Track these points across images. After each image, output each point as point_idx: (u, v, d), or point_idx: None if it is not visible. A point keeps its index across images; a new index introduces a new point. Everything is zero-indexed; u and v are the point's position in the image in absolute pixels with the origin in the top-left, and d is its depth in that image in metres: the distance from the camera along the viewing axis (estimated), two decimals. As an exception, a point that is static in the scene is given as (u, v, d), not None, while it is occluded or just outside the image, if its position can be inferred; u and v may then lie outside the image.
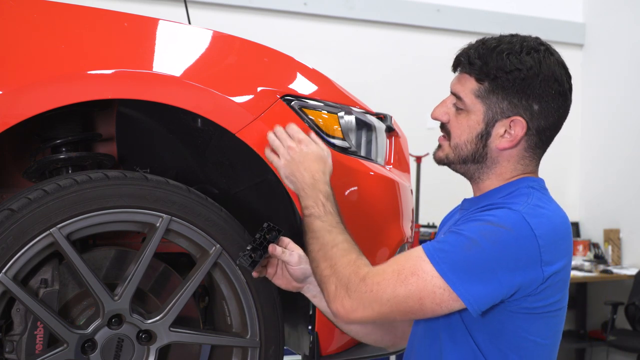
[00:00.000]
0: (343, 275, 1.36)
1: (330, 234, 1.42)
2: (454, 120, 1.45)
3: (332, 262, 1.39)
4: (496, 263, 1.30)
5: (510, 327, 1.37)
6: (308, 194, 1.47)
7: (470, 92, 1.42)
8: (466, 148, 1.44)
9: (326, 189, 1.47)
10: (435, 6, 5.48)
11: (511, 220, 1.32)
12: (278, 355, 1.61)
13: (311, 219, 1.45)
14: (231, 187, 1.73)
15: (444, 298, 1.31)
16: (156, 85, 1.47)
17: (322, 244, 1.42)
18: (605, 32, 5.89)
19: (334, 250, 1.40)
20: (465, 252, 1.31)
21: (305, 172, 1.48)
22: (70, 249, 1.40)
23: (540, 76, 1.38)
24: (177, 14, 2.32)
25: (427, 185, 4.87)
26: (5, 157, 1.72)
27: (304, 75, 1.68)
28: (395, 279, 1.33)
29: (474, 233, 1.32)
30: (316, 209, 1.45)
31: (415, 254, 1.35)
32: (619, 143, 5.68)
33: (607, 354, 5.29)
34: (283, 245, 1.51)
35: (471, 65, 1.41)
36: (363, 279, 1.34)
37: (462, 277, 1.30)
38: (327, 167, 1.50)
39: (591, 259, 5.57)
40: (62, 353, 1.40)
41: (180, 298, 1.50)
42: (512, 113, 1.40)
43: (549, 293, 1.36)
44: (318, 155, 1.50)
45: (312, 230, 1.45)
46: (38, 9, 1.45)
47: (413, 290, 1.31)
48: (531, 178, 1.46)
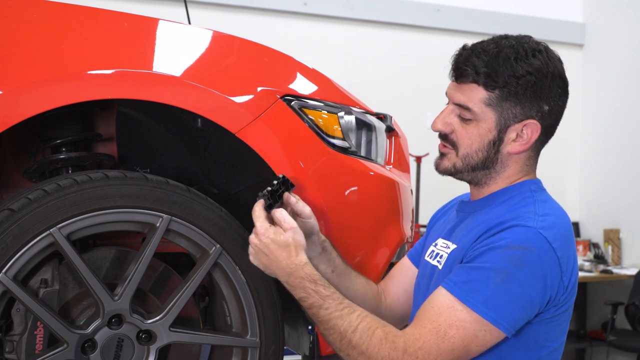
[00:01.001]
0: (382, 355, 1.30)
1: (342, 319, 1.34)
2: (460, 130, 1.42)
3: (362, 349, 1.32)
4: (529, 286, 1.30)
5: (534, 336, 1.37)
6: (292, 284, 1.39)
7: (480, 101, 1.39)
8: (477, 156, 1.42)
9: (307, 272, 1.38)
10: (435, 6, 5.48)
11: (530, 240, 1.31)
12: (278, 355, 1.61)
13: (313, 310, 1.37)
14: (231, 187, 1.73)
15: (487, 338, 1.30)
16: (156, 85, 1.47)
17: (341, 333, 1.34)
18: (605, 32, 5.90)
19: (357, 336, 1.32)
20: (498, 286, 1.29)
21: (275, 263, 1.40)
22: (70, 249, 1.40)
23: (548, 76, 1.38)
24: (177, 14, 2.32)
25: (427, 185, 4.87)
26: (5, 157, 1.72)
27: (304, 75, 1.68)
28: (436, 338, 1.29)
29: (498, 263, 1.30)
30: (311, 299, 1.37)
31: (444, 304, 1.31)
32: (618, 143, 5.68)
33: (607, 354, 5.29)
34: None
35: (478, 75, 1.38)
36: (405, 351, 1.30)
37: (500, 310, 1.29)
38: (297, 248, 1.40)
39: (591, 259, 5.57)
40: (62, 353, 1.40)
41: (180, 298, 1.50)
42: (525, 117, 1.39)
43: (567, 299, 1.38)
44: (278, 244, 1.40)
45: (321, 322, 1.37)
46: (38, 9, 1.45)
47: (457, 342, 1.29)
48: (531, 180, 1.46)
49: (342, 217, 1.63)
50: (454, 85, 1.44)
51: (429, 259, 1.52)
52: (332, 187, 1.62)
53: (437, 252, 1.50)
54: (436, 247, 1.52)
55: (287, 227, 1.41)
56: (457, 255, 1.41)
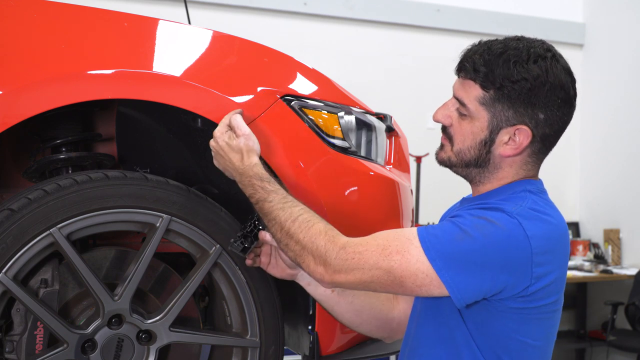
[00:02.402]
0: (317, 246, 1.35)
1: (283, 211, 1.39)
2: (457, 125, 1.44)
3: (298, 237, 1.37)
4: (484, 257, 1.30)
5: (499, 326, 1.37)
6: (243, 183, 1.45)
7: (475, 99, 1.40)
8: (469, 153, 1.43)
9: (256, 171, 1.44)
10: (435, 6, 5.48)
11: (505, 221, 1.32)
12: (278, 355, 1.61)
13: (259, 205, 1.42)
14: (231, 187, 1.73)
15: (425, 282, 1.32)
16: (156, 85, 1.47)
17: (280, 223, 1.39)
18: (605, 32, 5.89)
19: (295, 225, 1.38)
20: (457, 242, 1.31)
21: (230, 164, 1.46)
22: (70, 249, 1.40)
23: (546, 85, 1.36)
24: (177, 14, 2.32)
25: (427, 185, 4.87)
26: (5, 157, 1.72)
27: (304, 75, 1.68)
28: (379, 253, 1.33)
29: (467, 226, 1.33)
30: (257, 194, 1.42)
31: (405, 235, 1.35)
32: (619, 143, 5.68)
33: (607, 354, 5.30)
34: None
35: (476, 72, 1.38)
36: (343, 247, 1.34)
37: (449, 265, 1.31)
38: (248, 152, 1.45)
39: (591, 259, 5.57)
40: (62, 353, 1.40)
41: (180, 298, 1.50)
42: (517, 121, 1.39)
43: (542, 295, 1.35)
44: (231, 147, 1.46)
45: (265, 214, 1.42)
46: (38, 9, 1.45)
47: (395, 267, 1.32)
48: (529, 181, 1.45)
49: (342, 217, 1.63)
50: (458, 80, 1.45)
51: None
52: (332, 187, 1.62)
53: None
54: None
55: (240, 134, 1.46)
56: None
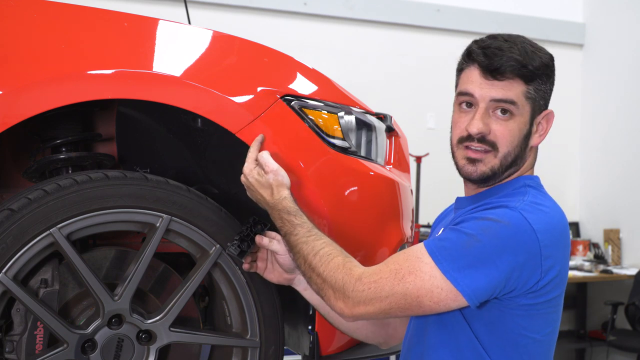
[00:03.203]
0: (335, 280, 1.38)
1: (307, 245, 1.43)
2: (500, 128, 1.39)
3: (319, 271, 1.40)
4: (495, 254, 1.31)
5: (509, 324, 1.37)
6: (273, 216, 1.49)
7: (522, 95, 1.39)
8: (514, 152, 1.42)
9: (285, 205, 1.47)
10: (435, 6, 5.48)
11: (509, 216, 1.33)
12: (278, 355, 1.61)
13: (286, 237, 1.47)
14: (231, 187, 1.73)
15: (442, 296, 1.32)
16: (156, 85, 1.47)
17: (304, 256, 1.43)
18: (605, 32, 5.90)
19: (316, 259, 1.41)
20: (467, 249, 1.32)
21: (261, 198, 1.50)
22: (70, 249, 1.40)
23: (554, 61, 1.43)
24: (177, 14, 2.32)
25: (427, 185, 4.87)
26: (5, 157, 1.72)
27: (304, 75, 1.68)
28: (393, 278, 1.34)
29: (473, 229, 1.33)
30: (285, 227, 1.46)
31: (414, 254, 1.36)
32: (618, 143, 5.68)
33: (607, 354, 5.30)
34: (271, 237, 1.54)
35: (523, 68, 1.37)
36: (359, 279, 1.36)
37: (464, 272, 1.31)
38: (277, 187, 1.48)
39: (591, 259, 5.57)
40: (62, 353, 1.40)
41: (180, 298, 1.50)
42: (545, 106, 1.43)
43: (549, 289, 1.37)
44: (261, 184, 1.49)
45: (291, 247, 1.46)
46: (38, 9, 1.45)
47: (410, 289, 1.32)
48: (527, 176, 1.46)
49: (342, 217, 1.63)
50: (485, 83, 1.39)
51: None
52: (332, 187, 1.62)
53: None
54: None
55: (269, 170, 1.49)
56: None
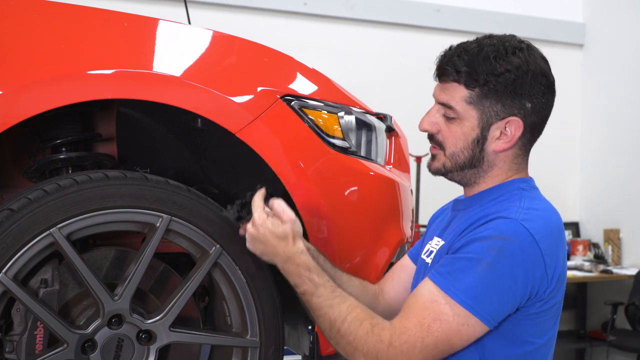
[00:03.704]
0: (368, 347, 1.34)
1: (332, 309, 1.38)
2: (445, 129, 1.45)
3: (349, 339, 1.36)
4: (509, 275, 1.31)
5: (518, 334, 1.38)
6: (288, 271, 1.43)
7: (461, 100, 1.41)
8: (463, 155, 1.44)
9: (303, 259, 1.42)
10: (435, 6, 5.48)
11: (510, 230, 1.33)
12: (278, 355, 1.61)
13: (306, 297, 1.41)
14: (231, 187, 1.73)
15: (469, 332, 1.32)
16: (156, 85, 1.47)
17: (331, 322, 1.38)
18: (605, 32, 5.89)
19: (345, 326, 1.36)
20: (478, 275, 1.31)
21: (272, 250, 1.43)
22: (70, 249, 1.40)
23: (529, 74, 1.39)
24: (177, 14, 2.32)
25: (427, 185, 4.87)
26: (5, 157, 1.72)
27: (304, 75, 1.68)
28: (420, 332, 1.32)
29: (479, 253, 1.32)
30: (305, 285, 1.41)
31: (428, 297, 1.33)
32: (618, 143, 5.68)
33: (607, 354, 5.29)
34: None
35: (459, 73, 1.40)
36: (390, 344, 1.33)
37: (481, 301, 1.30)
38: (294, 238, 1.43)
39: (591, 259, 5.57)
40: (62, 353, 1.40)
41: (180, 298, 1.50)
42: (507, 114, 1.41)
43: (554, 294, 1.38)
44: (276, 235, 1.43)
45: (313, 309, 1.41)
46: (38, 9, 1.45)
47: (440, 336, 1.31)
48: (521, 179, 1.47)
49: (342, 217, 1.63)
50: (438, 85, 1.46)
51: (424, 256, 1.54)
52: (332, 187, 1.62)
53: (431, 249, 1.52)
54: (431, 244, 1.54)
55: (286, 219, 1.44)
56: (443, 250, 1.44)
